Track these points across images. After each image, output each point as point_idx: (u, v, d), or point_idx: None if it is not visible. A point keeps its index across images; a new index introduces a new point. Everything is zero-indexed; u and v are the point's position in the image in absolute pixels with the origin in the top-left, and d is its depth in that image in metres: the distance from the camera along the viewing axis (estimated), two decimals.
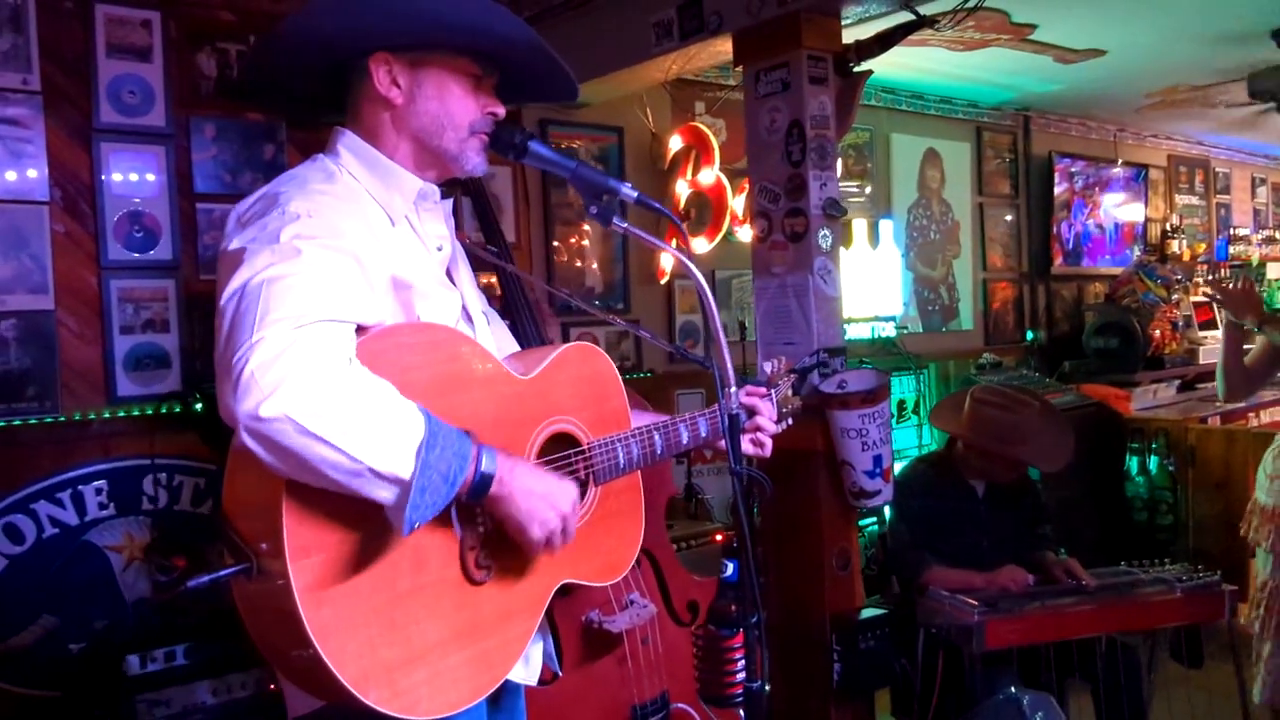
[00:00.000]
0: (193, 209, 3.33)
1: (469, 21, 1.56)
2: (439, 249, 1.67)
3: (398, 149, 1.60)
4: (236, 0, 3.41)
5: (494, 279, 2.77)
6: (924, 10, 3.06)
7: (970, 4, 3.06)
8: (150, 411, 3.22)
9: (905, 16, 3.07)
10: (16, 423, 3.02)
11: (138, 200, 3.24)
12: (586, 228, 4.41)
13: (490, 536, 1.51)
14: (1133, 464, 5.12)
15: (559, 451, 1.67)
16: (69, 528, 3.08)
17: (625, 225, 1.55)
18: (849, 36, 3.17)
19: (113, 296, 3.18)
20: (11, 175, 3.02)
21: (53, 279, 3.07)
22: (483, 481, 1.38)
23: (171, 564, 3.11)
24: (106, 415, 3.16)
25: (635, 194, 1.55)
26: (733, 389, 1.49)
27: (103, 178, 3.17)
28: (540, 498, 1.45)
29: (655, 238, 1.67)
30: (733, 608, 1.55)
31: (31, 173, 3.05)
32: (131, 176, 3.23)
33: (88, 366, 3.15)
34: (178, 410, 3.20)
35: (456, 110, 1.60)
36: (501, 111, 1.64)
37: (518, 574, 1.56)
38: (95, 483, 3.13)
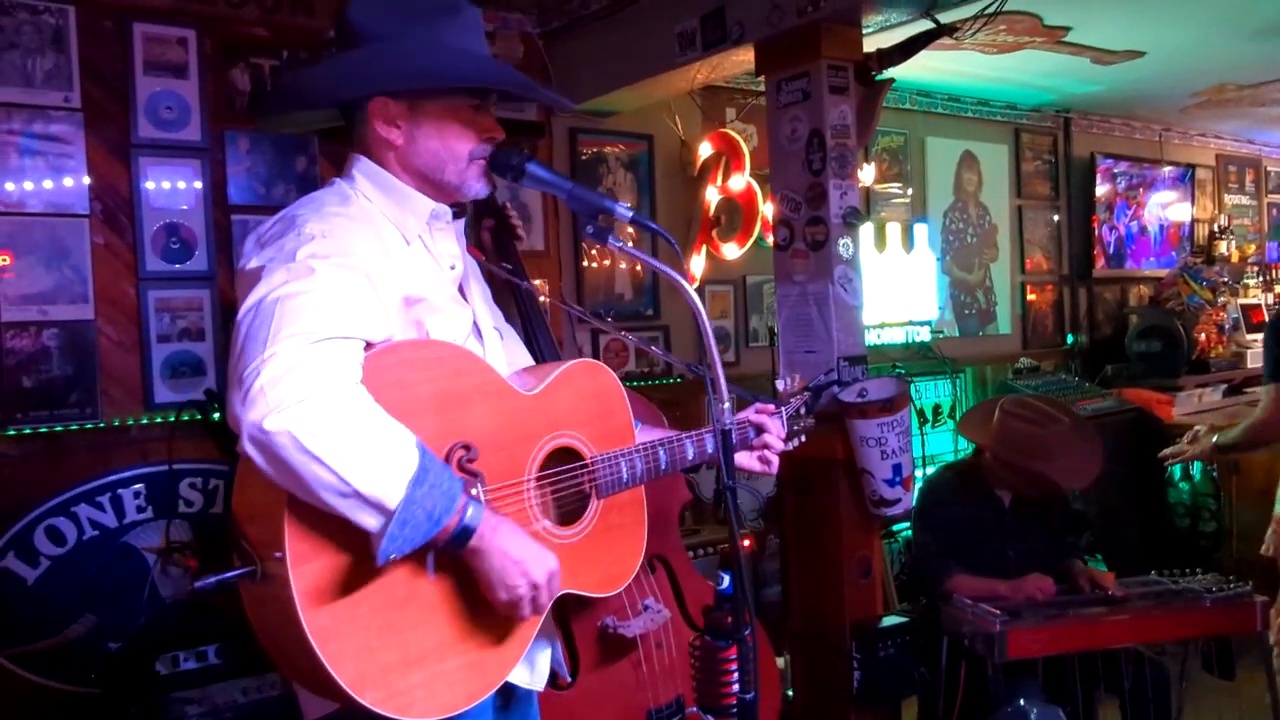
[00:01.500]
0: (228, 221, 3.40)
1: (464, 75, 1.63)
2: (451, 267, 1.72)
3: (403, 181, 1.66)
4: (271, 17, 3.48)
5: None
6: (947, 17, 3.05)
7: (990, 10, 3.04)
8: (183, 418, 3.29)
9: (928, 24, 3.06)
10: (59, 428, 3.11)
11: (183, 210, 3.33)
12: None
13: None
14: (1175, 470, 5.03)
15: (562, 466, 1.70)
16: (108, 530, 3.17)
17: (620, 244, 1.58)
18: (871, 45, 3.16)
19: (150, 306, 3.26)
20: (54, 188, 3.11)
21: (93, 289, 3.16)
22: (463, 533, 1.42)
23: (185, 564, 3.19)
24: (144, 421, 3.25)
25: (630, 214, 1.58)
26: (725, 405, 1.51)
27: (141, 191, 3.25)
28: (515, 562, 1.46)
29: (653, 257, 1.70)
30: (728, 619, 1.57)
31: (73, 185, 3.14)
32: (170, 188, 3.31)
33: (126, 374, 3.24)
34: (198, 417, 3.27)
35: (456, 144, 1.65)
36: (501, 135, 1.68)
37: None
38: (133, 486, 3.21)
